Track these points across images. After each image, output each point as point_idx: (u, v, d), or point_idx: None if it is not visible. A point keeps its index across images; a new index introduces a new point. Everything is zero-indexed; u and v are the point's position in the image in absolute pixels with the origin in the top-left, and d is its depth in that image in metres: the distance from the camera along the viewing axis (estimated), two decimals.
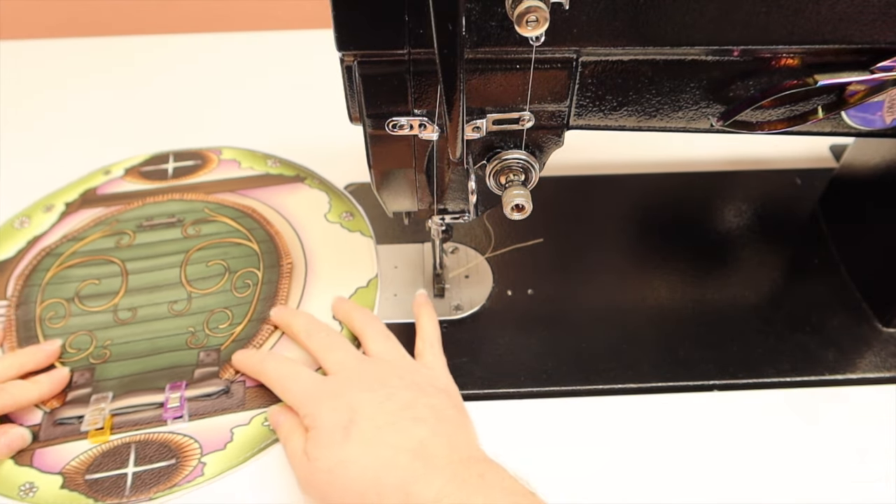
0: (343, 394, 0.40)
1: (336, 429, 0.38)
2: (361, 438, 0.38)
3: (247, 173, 0.60)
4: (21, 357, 0.46)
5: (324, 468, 0.38)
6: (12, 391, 0.43)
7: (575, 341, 0.49)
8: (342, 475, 0.37)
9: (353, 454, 0.37)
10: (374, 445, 0.37)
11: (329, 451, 0.38)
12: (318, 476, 0.38)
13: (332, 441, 0.38)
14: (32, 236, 0.55)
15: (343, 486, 0.37)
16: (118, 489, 0.41)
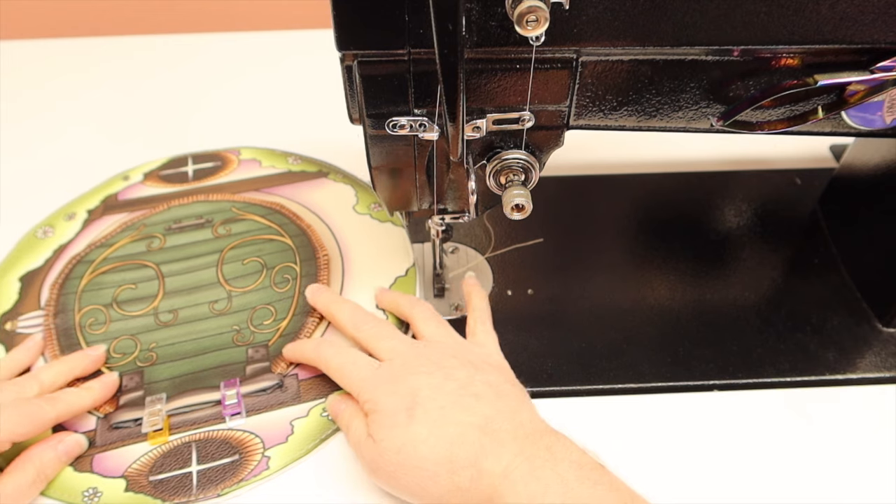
0: (401, 379, 0.40)
1: (399, 411, 0.38)
2: (426, 418, 0.38)
3: (269, 172, 0.61)
4: (69, 363, 0.46)
5: (391, 449, 0.38)
6: (67, 399, 0.43)
7: (575, 341, 0.49)
8: (412, 455, 0.37)
9: (420, 433, 0.37)
10: (441, 424, 0.38)
11: (395, 432, 0.38)
12: (385, 457, 0.38)
13: (397, 422, 0.38)
14: (58, 245, 0.55)
15: (413, 466, 0.37)
16: (185, 488, 0.42)
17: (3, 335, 0.49)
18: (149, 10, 0.82)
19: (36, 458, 0.41)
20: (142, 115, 0.69)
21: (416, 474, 0.37)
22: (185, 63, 0.75)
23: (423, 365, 0.41)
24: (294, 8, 0.79)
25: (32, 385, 0.43)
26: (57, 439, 0.42)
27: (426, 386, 0.39)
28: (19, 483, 0.40)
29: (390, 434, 0.38)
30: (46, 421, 0.41)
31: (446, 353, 0.42)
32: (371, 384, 0.41)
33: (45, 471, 0.41)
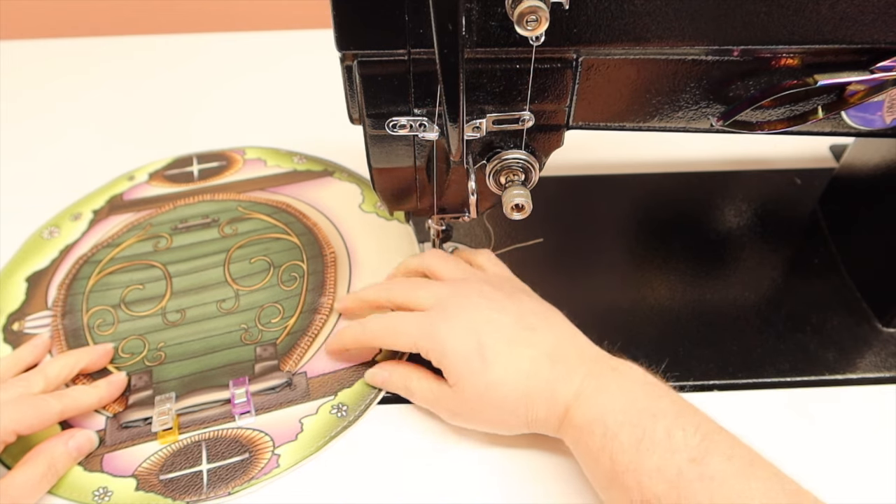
0: (454, 318, 0.41)
1: (471, 355, 0.40)
2: (499, 358, 0.40)
3: (274, 171, 0.61)
4: (75, 356, 0.46)
5: (474, 395, 0.40)
6: (73, 394, 0.43)
7: None
8: (494, 396, 0.39)
9: (499, 375, 0.39)
10: (514, 360, 0.39)
11: (475, 379, 0.40)
12: (469, 404, 0.40)
13: (473, 369, 0.40)
14: (64, 245, 0.56)
15: (495, 405, 0.40)
16: (195, 486, 0.42)
17: (11, 336, 0.50)
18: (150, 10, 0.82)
19: (47, 452, 0.41)
20: (145, 116, 0.69)
21: (497, 412, 0.40)
22: (187, 63, 0.75)
23: (469, 299, 0.42)
24: (295, 8, 0.79)
25: (38, 379, 0.43)
26: (68, 434, 0.42)
27: (483, 322, 0.41)
28: (30, 476, 0.40)
29: (471, 381, 0.40)
30: (52, 415, 0.42)
31: (480, 285, 0.44)
32: (428, 332, 0.41)
33: (56, 465, 0.41)
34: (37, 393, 0.43)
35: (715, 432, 0.35)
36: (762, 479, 0.33)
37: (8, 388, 0.42)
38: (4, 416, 0.39)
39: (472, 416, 0.41)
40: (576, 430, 0.38)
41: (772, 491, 0.32)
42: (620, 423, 0.36)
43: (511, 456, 0.43)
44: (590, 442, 0.37)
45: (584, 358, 0.40)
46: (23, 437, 0.41)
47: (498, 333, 0.40)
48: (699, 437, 0.34)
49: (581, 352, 0.40)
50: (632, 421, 0.35)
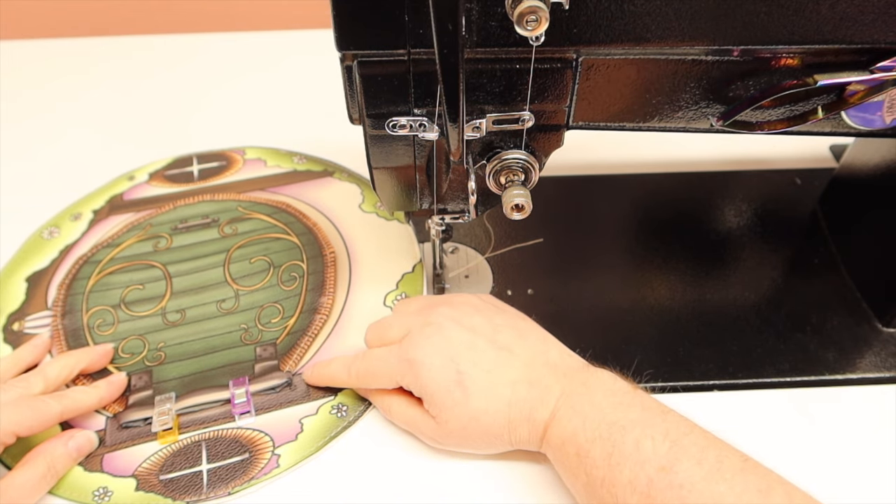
0: (427, 345, 0.41)
1: (451, 387, 0.40)
2: (479, 388, 0.40)
3: (274, 171, 0.61)
4: (75, 356, 0.46)
5: (458, 427, 0.40)
6: (74, 396, 0.43)
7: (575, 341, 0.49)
8: (478, 426, 0.40)
9: (481, 406, 0.39)
10: (494, 389, 0.40)
11: (458, 410, 0.40)
12: (453, 435, 0.41)
13: (455, 400, 0.40)
14: (64, 245, 0.56)
15: (479, 434, 0.40)
16: (195, 487, 0.42)
17: (11, 336, 0.50)
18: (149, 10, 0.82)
19: (47, 452, 0.41)
20: (145, 116, 0.69)
21: (481, 439, 0.40)
22: (187, 63, 0.75)
23: (438, 324, 0.42)
24: (295, 8, 0.79)
25: (38, 380, 0.43)
26: (68, 435, 0.42)
27: (458, 345, 0.41)
28: (30, 476, 0.40)
29: (454, 413, 0.40)
30: (51, 416, 0.42)
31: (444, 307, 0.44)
32: (403, 365, 0.41)
33: (56, 465, 0.41)
34: (37, 394, 0.43)
35: (683, 436, 0.35)
36: (731, 481, 0.33)
37: (7, 390, 0.42)
38: (4, 417, 0.39)
39: (456, 445, 0.42)
40: (553, 448, 0.38)
41: (742, 492, 0.33)
42: (591, 440, 0.36)
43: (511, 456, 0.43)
44: (566, 460, 0.37)
45: (557, 375, 0.40)
46: (23, 438, 0.41)
47: (475, 360, 0.40)
48: (668, 444, 0.35)
49: (554, 368, 0.40)
50: (602, 436, 0.36)
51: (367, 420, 0.45)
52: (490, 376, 0.40)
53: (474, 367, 0.40)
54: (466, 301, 0.45)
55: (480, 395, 0.40)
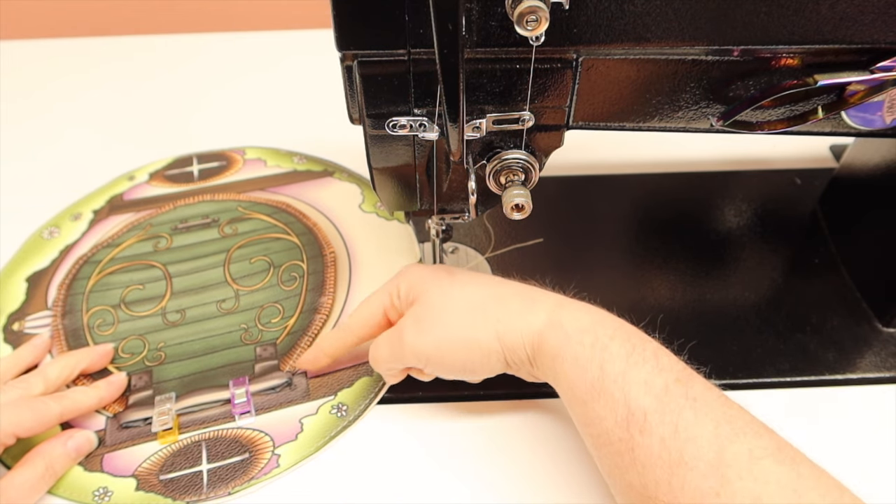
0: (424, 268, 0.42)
1: (438, 273, 0.41)
2: (467, 276, 0.41)
3: (274, 171, 0.61)
4: (75, 356, 0.46)
5: (439, 302, 0.39)
6: (73, 396, 0.43)
7: None
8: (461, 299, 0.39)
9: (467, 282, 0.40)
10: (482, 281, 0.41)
11: (442, 285, 0.40)
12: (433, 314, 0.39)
13: (440, 280, 0.40)
14: (64, 245, 0.56)
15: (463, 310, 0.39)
16: (195, 486, 0.42)
17: (11, 336, 0.50)
18: (150, 10, 0.82)
19: (46, 453, 0.41)
20: (145, 116, 0.69)
21: (464, 322, 0.38)
22: (187, 63, 0.75)
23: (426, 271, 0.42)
24: (295, 8, 0.79)
25: (38, 381, 0.43)
26: (67, 435, 0.43)
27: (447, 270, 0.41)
28: (28, 476, 0.40)
29: (437, 289, 0.40)
30: (51, 417, 0.42)
31: None
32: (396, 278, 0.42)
33: (55, 466, 0.41)
34: (37, 395, 0.43)
35: (690, 367, 0.35)
36: (740, 410, 0.33)
37: (7, 391, 0.42)
38: (4, 418, 0.39)
39: (435, 331, 0.39)
40: (563, 336, 0.36)
41: (752, 420, 0.33)
42: (611, 336, 0.35)
43: (511, 456, 0.43)
44: (578, 351, 0.35)
45: (547, 294, 0.39)
46: (23, 439, 0.41)
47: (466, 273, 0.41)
48: (681, 365, 0.35)
49: (546, 293, 0.40)
50: (622, 336, 0.35)
51: (367, 420, 0.45)
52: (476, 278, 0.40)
53: (465, 272, 0.41)
54: None
55: (468, 280, 0.40)
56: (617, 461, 0.33)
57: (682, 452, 0.31)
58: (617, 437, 0.33)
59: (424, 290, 0.40)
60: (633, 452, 0.32)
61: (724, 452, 0.31)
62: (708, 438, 0.31)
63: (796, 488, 0.30)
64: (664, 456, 0.32)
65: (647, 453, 0.32)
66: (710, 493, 0.30)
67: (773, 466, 0.31)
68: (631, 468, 0.33)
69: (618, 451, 0.33)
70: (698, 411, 0.32)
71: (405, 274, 0.42)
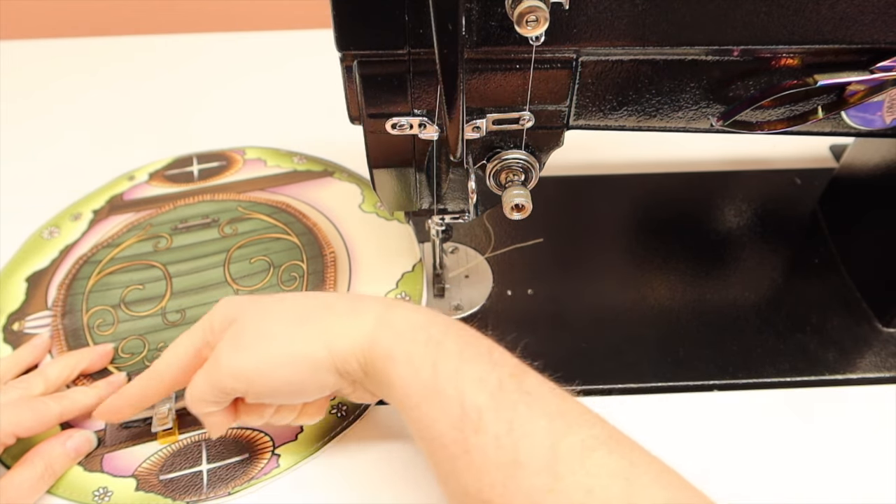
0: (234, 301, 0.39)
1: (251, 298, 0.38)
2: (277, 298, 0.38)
3: (274, 171, 0.61)
4: (75, 357, 0.46)
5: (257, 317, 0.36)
6: (72, 396, 0.43)
7: (575, 341, 0.49)
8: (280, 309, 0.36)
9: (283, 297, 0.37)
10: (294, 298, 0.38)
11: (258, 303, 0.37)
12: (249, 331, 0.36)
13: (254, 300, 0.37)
14: (64, 245, 0.56)
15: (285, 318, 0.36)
16: (195, 487, 0.42)
17: (11, 336, 0.50)
18: (150, 10, 0.82)
19: (45, 452, 0.41)
20: (145, 116, 0.69)
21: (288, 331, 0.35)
22: (187, 63, 0.75)
23: None
24: (295, 8, 0.79)
25: (38, 381, 0.43)
26: (66, 435, 0.42)
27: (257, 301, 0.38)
28: (28, 476, 0.40)
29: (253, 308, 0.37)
30: (51, 417, 0.42)
31: None
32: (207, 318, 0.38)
33: (54, 466, 0.41)
34: (37, 395, 0.43)
35: (521, 360, 0.35)
36: (574, 401, 0.32)
37: (7, 391, 0.42)
38: (4, 418, 0.39)
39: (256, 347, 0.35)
40: (394, 335, 0.34)
41: (586, 412, 0.32)
42: (444, 332, 0.34)
43: None
44: (411, 349, 0.33)
45: (375, 299, 0.37)
46: (23, 439, 0.41)
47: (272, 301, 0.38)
48: (515, 360, 0.34)
49: (364, 297, 0.38)
50: (454, 332, 0.34)
51: (367, 420, 0.45)
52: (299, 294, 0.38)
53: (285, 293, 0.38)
54: None
55: (287, 296, 0.37)
56: (452, 465, 0.32)
57: (517, 450, 0.30)
58: (451, 438, 0.32)
59: (241, 311, 0.37)
60: (469, 455, 0.31)
61: (557, 447, 0.30)
62: (542, 434, 0.30)
63: (628, 476, 0.30)
64: (500, 456, 0.30)
65: (482, 454, 0.31)
66: (542, 489, 0.29)
67: (605, 458, 0.30)
68: (466, 472, 0.31)
69: (452, 454, 0.32)
70: (532, 405, 0.31)
71: (218, 306, 0.38)
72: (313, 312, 0.36)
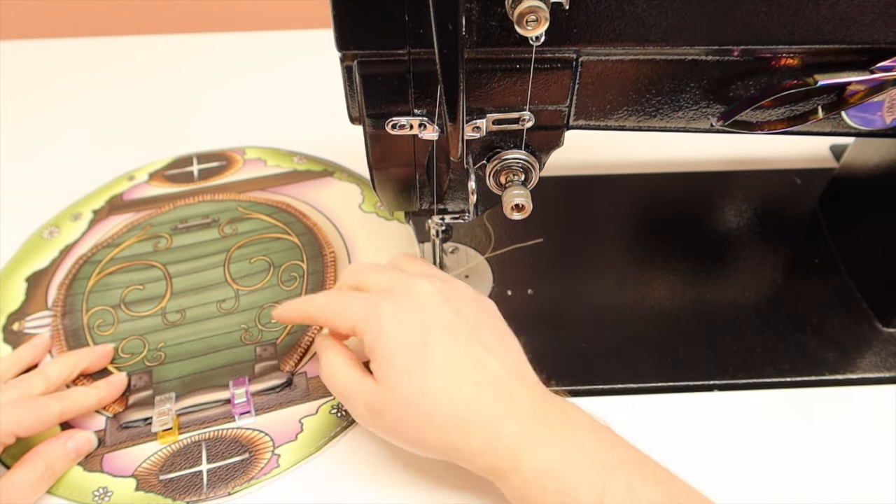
0: (404, 307, 0.37)
1: (409, 352, 0.35)
2: (441, 367, 0.35)
3: (274, 171, 0.61)
4: (75, 356, 0.46)
5: (403, 398, 0.35)
6: (73, 396, 0.43)
7: (575, 341, 0.49)
8: (423, 406, 0.35)
9: (436, 385, 0.35)
10: (456, 380, 0.35)
11: (408, 379, 0.35)
12: (395, 406, 0.35)
13: (408, 367, 0.35)
14: (64, 245, 0.56)
15: (424, 416, 0.35)
16: (195, 487, 0.42)
17: (11, 336, 0.50)
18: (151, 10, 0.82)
19: (45, 453, 0.41)
20: (145, 116, 0.69)
21: (421, 426, 0.35)
22: (186, 63, 0.75)
23: (425, 295, 0.38)
24: (295, 8, 0.79)
25: (38, 381, 0.43)
26: (66, 436, 0.43)
27: (435, 321, 0.37)
28: (28, 476, 0.40)
29: (402, 380, 0.35)
30: (51, 417, 0.42)
31: (442, 283, 0.40)
32: (370, 314, 0.37)
33: (54, 466, 0.41)
34: (37, 394, 0.43)
35: (672, 481, 0.34)
36: None
37: (7, 390, 0.42)
38: (3, 417, 0.39)
39: (392, 424, 0.36)
40: (523, 481, 0.34)
41: None
42: (577, 476, 0.33)
43: None
44: (541, 497, 0.33)
45: (532, 396, 0.36)
46: (23, 439, 0.41)
47: (448, 340, 0.36)
48: (660, 486, 0.33)
49: (530, 388, 0.36)
50: (590, 474, 0.33)
51: None
52: (457, 364, 0.36)
53: (442, 346, 0.36)
54: (467, 291, 0.40)
55: (439, 375, 0.35)
56: None
57: None
58: None
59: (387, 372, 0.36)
60: None
61: None
62: None
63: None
64: None
65: None
66: None
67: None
68: None
69: None
70: None
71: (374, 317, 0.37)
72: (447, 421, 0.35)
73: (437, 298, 0.38)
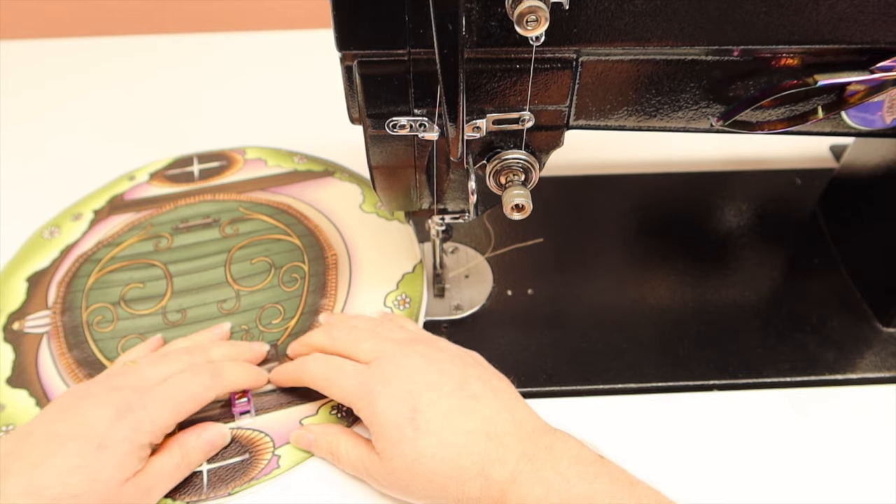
0: (394, 379, 0.40)
1: (403, 422, 0.38)
2: (431, 429, 0.38)
3: (274, 171, 0.61)
4: (237, 348, 0.46)
5: (402, 466, 0.38)
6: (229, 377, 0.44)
7: (575, 341, 0.49)
8: (422, 470, 0.37)
9: (429, 448, 0.37)
10: (447, 434, 0.38)
11: (403, 448, 0.38)
12: (397, 475, 0.38)
13: (404, 437, 0.38)
14: (65, 245, 0.56)
15: (425, 479, 0.38)
16: (195, 487, 0.42)
17: (11, 335, 0.50)
18: (150, 10, 0.82)
19: (183, 442, 0.41)
20: (146, 116, 0.69)
21: (426, 486, 0.38)
22: (187, 63, 0.75)
23: (410, 359, 0.41)
24: (295, 8, 0.79)
25: (202, 357, 0.44)
26: (202, 427, 0.43)
27: (424, 387, 0.39)
28: (166, 463, 0.40)
29: (399, 450, 0.38)
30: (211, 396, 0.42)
31: (428, 345, 0.42)
32: (365, 390, 0.40)
33: (190, 456, 0.41)
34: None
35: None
36: None
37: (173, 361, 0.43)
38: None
39: (400, 489, 0.39)
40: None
41: None
42: None
43: None
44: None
45: (520, 434, 0.38)
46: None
47: (436, 401, 0.39)
48: None
49: (518, 426, 0.38)
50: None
51: None
52: (446, 419, 0.38)
53: (432, 406, 0.38)
54: (448, 348, 0.43)
55: (431, 436, 0.37)
56: None
57: None
58: None
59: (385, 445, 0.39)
60: None
61: None
62: None
63: None
64: None
65: None
66: None
67: None
68: None
69: None
70: None
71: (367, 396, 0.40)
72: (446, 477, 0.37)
73: (421, 363, 0.40)
